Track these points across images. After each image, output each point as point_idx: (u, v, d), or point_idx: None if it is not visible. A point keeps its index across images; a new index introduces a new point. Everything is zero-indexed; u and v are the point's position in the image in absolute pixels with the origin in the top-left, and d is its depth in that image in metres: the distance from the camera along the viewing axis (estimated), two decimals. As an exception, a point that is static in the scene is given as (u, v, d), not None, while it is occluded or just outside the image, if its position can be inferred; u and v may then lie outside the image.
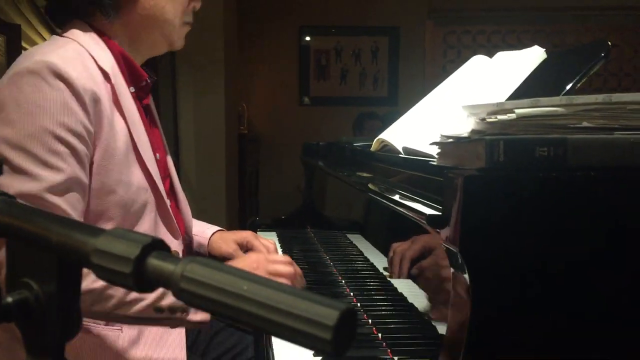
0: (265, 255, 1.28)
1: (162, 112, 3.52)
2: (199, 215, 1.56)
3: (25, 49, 3.38)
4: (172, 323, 1.13)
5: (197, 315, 1.11)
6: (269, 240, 1.52)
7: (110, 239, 0.37)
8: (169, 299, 1.08)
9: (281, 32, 4.88)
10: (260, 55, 4.90)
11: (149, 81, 1.27)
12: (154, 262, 0.36)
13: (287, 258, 1.29)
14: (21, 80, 1.04)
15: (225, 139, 3.77)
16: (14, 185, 1.01)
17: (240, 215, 4.19)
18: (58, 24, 1.23)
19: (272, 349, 1.04)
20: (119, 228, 0.38)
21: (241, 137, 4.39)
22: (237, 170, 4.18)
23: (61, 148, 1.04)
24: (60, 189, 1.04)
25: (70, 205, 1.06)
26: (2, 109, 1.04)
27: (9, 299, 0.40)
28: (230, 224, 3.72)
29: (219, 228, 1.54)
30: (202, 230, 1.53)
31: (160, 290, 0.35)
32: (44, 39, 3.48)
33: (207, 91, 3.73)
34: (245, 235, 1.51)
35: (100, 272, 0.37)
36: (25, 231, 0.41)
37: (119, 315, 1.09)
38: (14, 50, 3.13)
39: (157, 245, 0.37)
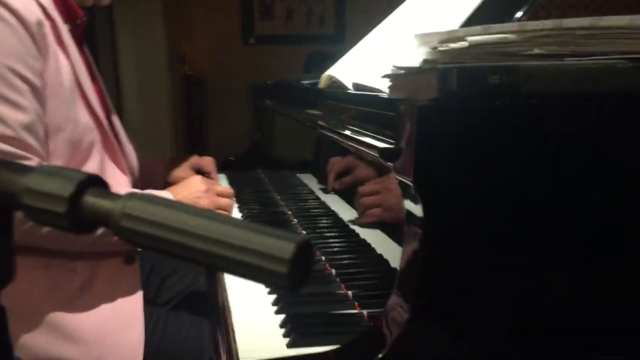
0: (209, 184, 1.29)
1: (101, 57, 3.37)
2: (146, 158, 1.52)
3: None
4: (114, 246, 1.16)
5: None
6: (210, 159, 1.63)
7: (41, 176, 0.33)
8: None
9: (223, -32, 4.69)
10: (200, -6, 4.71)
11: (84, 19, 1.21)
12: (91, 199, 0.33)
13: (230, 190, 1.36)
14: None
15: (168, 80, 3.65)
16: None
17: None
18: None
19: (226, 293, 1.03)
20: (51, 165, 0.35)
21: (186, 78, 4.27)
22: (183, 113, 4.07)
23: (22, 85, 1.02)
24: (31, 128, 1.03)
25: (40, 144, 1.05)
26: None
27: None
28: (178, 168, 3.65)
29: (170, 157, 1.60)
30: (154, 162, 1.57)
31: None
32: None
33: (147, 31, 3.58)
34: (197, 159, 1.60)
35: (32, 214, 0.33)
36: (-56, 172, 0.37)
37: (59, 245, 1.11)
38: None
39: (94, 182, 0.34)
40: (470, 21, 1.11)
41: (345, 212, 1.19)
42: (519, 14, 0.99)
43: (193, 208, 0.31)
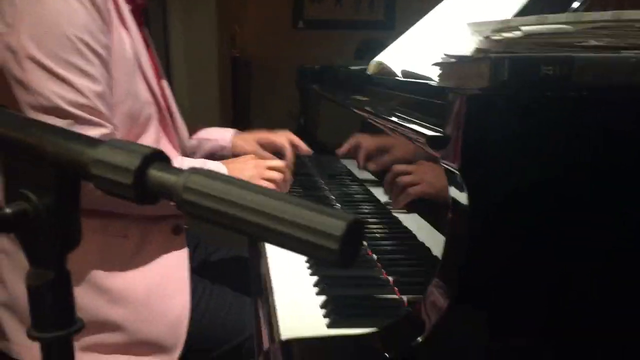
0: (263, 161, 1.31)
1: (153, 35, 3.42)
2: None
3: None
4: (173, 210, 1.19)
5: None
6: (286, 133, 1.58)
7: (110, 149, 0.36)
8: None
9: (274, -49, 4.70)
10: (253, -25, 4.74)
11: (143, 0, 1.27)
12: (155, 173, 0.35)
13: (282, 164, 1.34)
14: None
15: (217, 61, 3.69)
16: (57, 92, 1.04)
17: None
18: None
19: (268, 270, 1.06)
20: (118, 139, 0.37)
21: (234, 60, 4.31)
22: (230, 94, 4.12)
23: (93, 57, 1.08)
24: (103, 97, 1.09)
25: (111, 113, 1.11)
26: (30, 20, 1.04)
27: (8, 210, 0.39)
28: (223, 149, 3.71)
29: (236, 130, 1.61)
30: (222, 134, 1.59)
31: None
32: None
33: (198, 11, 3.62)
34: (265, 134, 1.58)
35: (100, 183, 0.36)
36: (21, 142, 0.40)
37: (117, 204, 1.13)
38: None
39: (158, 156, 0.36)
40: (524, 11, 1.09)
41: (388, 199, 1.19)
42: (575, 4, 0.97)
43: (250, 184, 0.32)
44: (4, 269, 1.17)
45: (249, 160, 1.31)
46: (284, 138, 1.53)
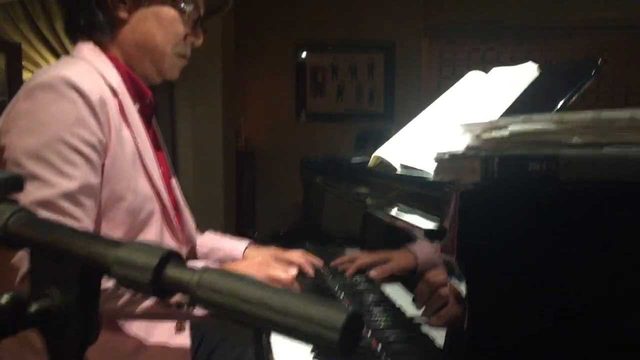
0: (268, 260, 1.32)
1: (160, 127, 3.53)
2: (197, 230, 1.59)
3: (25, 68, 3.41)
4: (179, 316, 1.20)
5: (201, 310, 1.15)
6: (300, 252, 1.56)
7: (131, 250, 0.39)
8: (177, 296, 1.12)
9: (278, 48, 4.93)
10: (257, 71, 4.94)
11: (152, 100, 1.32)
12: (172, 271, 0.38)
13: (291, 265, 1.35)
14: (38, 94, 1.09)
15: (222, 154, 3.80)
16: (30, 191, 1.06)
17: (238, 230, 4.20)
18: (70, 38, 1.30)
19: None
20: (137, 241, 0.41)
21: (238, 152, 4.42)
22: (234, 186, 4.20)
23: (76, 157, 1.09)
24: (74, 196, 1.08)
25: (83, 212, 1.10)
26: (20, 120, 1.09)
27: (33, 308, 0.42)
28: (228, 240, 3.73)
29: (251, 241, 1.60)
30: (234, 246, 1.58)
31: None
32: (44, 57, 3.52)
33: (205, 107, 3.76)
34: (281, 251, 1.54)
35: (122, 281, 0.39)
36: (49, 244, 0.43)
37: (127, 312, 1.13)
38: (15, 69, 3.16)
39: (174, 256, 0.39)
40: (512, 109, 1.16)
41: (392, 289, 1.21)
42: (560, 102, 1.03)
43: (258, 281, 0.36)
44: None
45: (257, 257, 1.34)
46: (299, 255, 1.52)
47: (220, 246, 1.57)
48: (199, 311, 1.17)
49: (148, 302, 1.12)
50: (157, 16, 1.25)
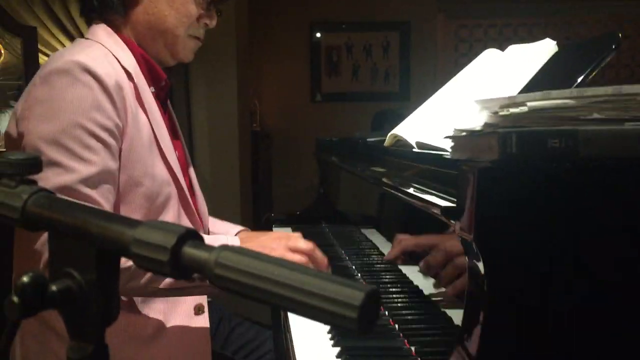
0: (288, 233, 1.31)
1: (176, 110, 3.54)
2: (214, 212, 1.59)
3: (41, 51, 3.43)
4: (201, 290, 1.19)
5: None
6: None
7: (148, 229, 0.39)
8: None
9: (292, 28, 4.91)
10: (272, 52, 4.93)
11: (167, 82, 1.32)
12: (189, 250, 0.38)
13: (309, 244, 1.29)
14: (53, 79, 1.09)
15: (238, 136, 3.80)
16: (49, 177, 1.06)
17: (255, 211, 4.22)
18: (85, 19, 1.29)
19: (292, 343, 1.07)
20: (154, 220, 0.41)
21: (254, 134, 4.43)
22: (250, 168, 4.21)
23: (93, 142, 1.09)
24: (93, 181, 1.09)
25: (102, 197, 1.11)
26: (36, 106, 1.10)
27: (54, 288, 0.43)
28: (244, 221, 3.76)
29: (243, 227, 1.56)
30: (226, 230, 1.56)
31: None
32: (59, 41, 3.53)
33: (220, 88, 3.76)
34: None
35: (139, 261, 0.39)
36: (66, 224, 0.44)
37: (152, 289, 1.14)
38: (31, 52, 3.18)
39: (191, 235, 0.39)
40: (530, 86, 1.14)
41: (409, 269, 1.21)
42: (579, 78, 1.01)
43: (276, 259, 0.36)
44: (31, 353, 1.18)
45: (273, 232, 1.34)
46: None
47: (213, 229, 1.56)
48: None
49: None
50: None
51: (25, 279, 0.41)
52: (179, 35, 1.27)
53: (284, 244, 1.22)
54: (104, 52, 1.17)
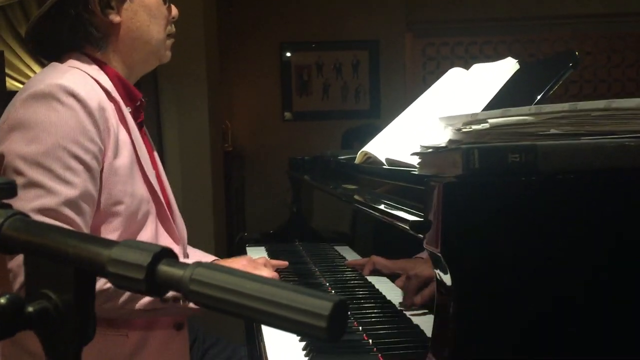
0: (251, 262, 1.34)
1: (147, 131, 3.53)
2: (187, 233, 1.59)
3: (9, 75, 3.39)
4: (176, 310, 1.20)
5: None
6: (263, 258, 1.54)
7: (124, 249, 0.41)
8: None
9: (262, 49, 4.93)
10: (242, 72, 4.94)
11: (142, 100, 1.33)
12: (165, 268, 0.39)
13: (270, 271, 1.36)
14: (36, 102, 1.10)
15: (210, 156, 3.80)
16: (30, 199, 1.07)
17: (228, 231, 4.20)
18: (50, 59, 1.27)
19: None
20: (130, 240, 0.42)
21: (226, 154, 4.42)
22: (223, 188, 4.20)
23: (75, 164, 1.10)
24: (74, 203, 1.10)
25: (82, 218, 1.11)
26: (18, 129, 1.10)
27: (30, 309, 0.44)
28: (218, 241, 3.74)
29: (215, 258, 1.56)
30: (199, 258, 1.56)
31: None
32: (27, 65, 3.50)
33: (191, 109, 3.76)
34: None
35: (116, 280, 0.40)
36: (43, 246, 0.44)
37: (128, 310, 1.15)
38: (-2, 76, 3.14)
39: (166, 253, 0.41)
40: (493, 103, 1.18)
41: (382, 284, 1.23)
42: (539, 96, 1.06)
43: (248, 274, 0.37)
44: None
45: (242, 258, 1.36)
46: (263, 260, 1.49)
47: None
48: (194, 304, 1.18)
49: (147, 299, 1.13)
50: (144, 6, 1.26)
51: (2, 300, 0.41)
52: (162, 39, 1.30)
53: (251, 270, 1.26)
54: (83, 75, 1.18)
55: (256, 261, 1.35)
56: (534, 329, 0.73)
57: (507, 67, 1.30)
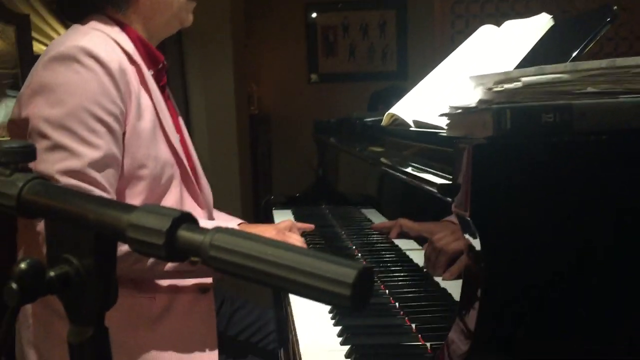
0: (280, 233, 1.33)
1: (172, 95, 3.52)
2: (214, 197, 1.59)
3: (35, 39, 3.41)
4: (206, 272, 1.22)
5: None
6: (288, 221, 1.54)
7: (143, 214, 0.40)
8: None
9: (287, 10, 4.86)
10: (267, 34, 4.89)
11: (165, 63, 1.32)
12: (184, 233, 0.39)
13: (298, 236, 1.35)
14: (57, 65, 1.10)
15: (236, 120, 3.79)
16: (56, 161, 1.08)
17: (255, 194, 4.23)
18: (73, 20, 1.27)
19: (294, 324, 1.08)
20: (150, 204, 0.41)
21: (252, 117, 4.41)
22: (249, 151, 4.21)
23: (98, 126, 1.10)
24: (99, 165, 1.10)
25: (106, 180, 1.12)
26: (41, 92, 1.10)
27: (52, 273, 0.43)
28: (244, 204, 3.76)
29: (242, 221, 1.56)
30: (225, 222, 1.56)
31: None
32: (53, 28, 3.51)
33: (216, 73, 3.74)
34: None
35: (135, 245, 0.40)
36: (62, 211, 0.44)
37: (158, 271, 1.16)
38: (24, 40, 3.15)
39: (186, 218, 0.40)
40: (526, 61, 1.14)
41: (408, 246, 1.22)
42: (574, 53, 1.01)
43: (270, 239, 0.36)
44: (38, 339, 1.20)
45: (270, 227, 1.36)
46: (289, 223, 1.48)
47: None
48: None
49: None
50: None
51: (23, 265, 0.41)
52: (183, 1, 1.29)
53: (280, 238, 1.26)
54: (104, 37, 1.18)
55: (284, 232, 1.34)
56: (565, 296, 0.71)
57: (540, 24, 1.25)
